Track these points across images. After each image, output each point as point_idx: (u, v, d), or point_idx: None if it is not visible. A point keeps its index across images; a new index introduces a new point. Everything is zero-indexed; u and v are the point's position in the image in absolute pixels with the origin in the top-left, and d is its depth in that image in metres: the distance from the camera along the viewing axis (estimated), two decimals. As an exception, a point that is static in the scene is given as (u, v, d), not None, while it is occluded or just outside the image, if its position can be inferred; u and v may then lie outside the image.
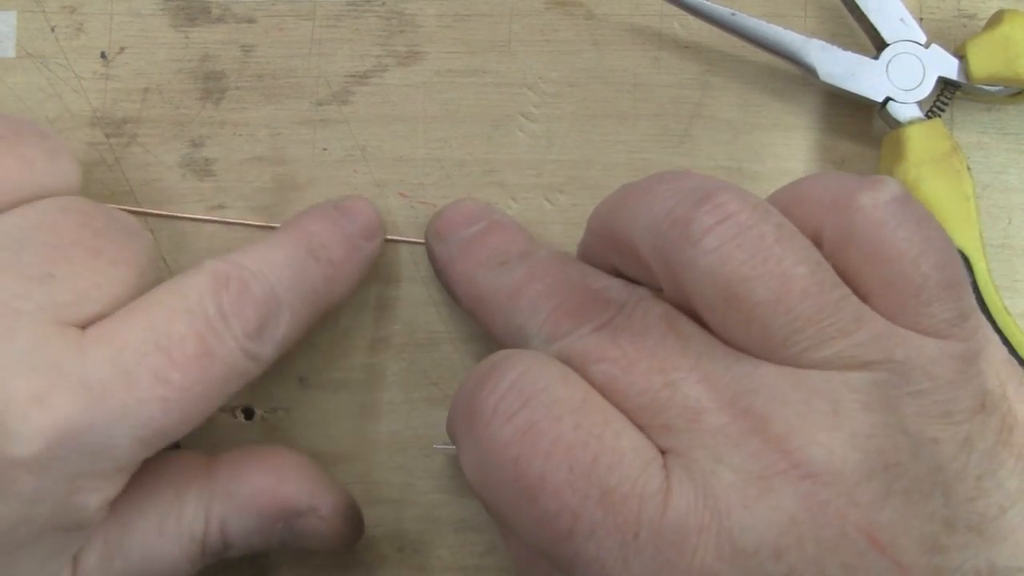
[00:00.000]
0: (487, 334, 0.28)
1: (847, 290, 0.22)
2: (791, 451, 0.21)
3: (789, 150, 0.32)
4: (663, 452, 0.22)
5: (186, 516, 0.27)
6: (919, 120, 0.31)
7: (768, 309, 0.21)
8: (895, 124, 0.31)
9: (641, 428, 0.22)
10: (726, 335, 0.22)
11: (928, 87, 0.31)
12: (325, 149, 0.33)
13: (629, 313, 0.24)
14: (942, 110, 0.31)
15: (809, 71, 0.31)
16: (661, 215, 0.22)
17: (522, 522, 0.22)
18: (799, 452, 0.20)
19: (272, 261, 0.26)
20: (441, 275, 0.31)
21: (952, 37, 0.32)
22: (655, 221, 0.23)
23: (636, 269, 0.25)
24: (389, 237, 0.32)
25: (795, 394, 0.21)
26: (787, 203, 0.24)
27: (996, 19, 0.30)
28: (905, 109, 0.31)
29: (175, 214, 0.32)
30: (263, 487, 0.27)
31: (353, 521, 0.29)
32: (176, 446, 0.32)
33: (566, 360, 0.23)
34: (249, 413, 0.32)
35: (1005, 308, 0.30)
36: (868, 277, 0.22)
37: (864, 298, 0.22)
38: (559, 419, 0.22)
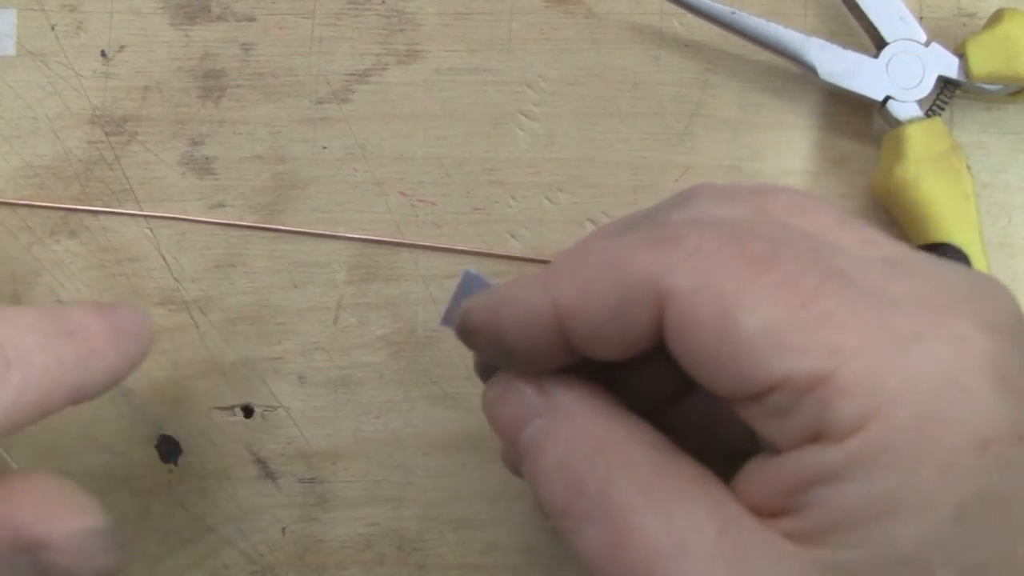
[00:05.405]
0: None
1: None
2: None
3: (789, 149, 0.32)
4: None
5: None
6: (919, 119, 0.31)
7: None
8: (895, 123, 0.31)
9: None
10: None
11: (928, 86, 0.31)
12: (325, 147, 0.33)
13: None
14: (942, 109, 0.31)
15: (809, 70, 0.31)
16: None
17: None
18: None
19: (10, 319, 0.24)
20: None
21: (952, 36, 0.32)
22: None
23: None
24: (388, 240, 0.32)
25: None
26: None
27: (996, 18, 0.30)
28: (905, 108, 0.31)
29: (175, 215, 0.32)
30: None
31: (96, 551, 0.25)
32: (179, 449, 0.32)
33: None
34: (248, 411, 0.32)
35: (1005, 307, 0.30)
36: None
37: None
38: None
